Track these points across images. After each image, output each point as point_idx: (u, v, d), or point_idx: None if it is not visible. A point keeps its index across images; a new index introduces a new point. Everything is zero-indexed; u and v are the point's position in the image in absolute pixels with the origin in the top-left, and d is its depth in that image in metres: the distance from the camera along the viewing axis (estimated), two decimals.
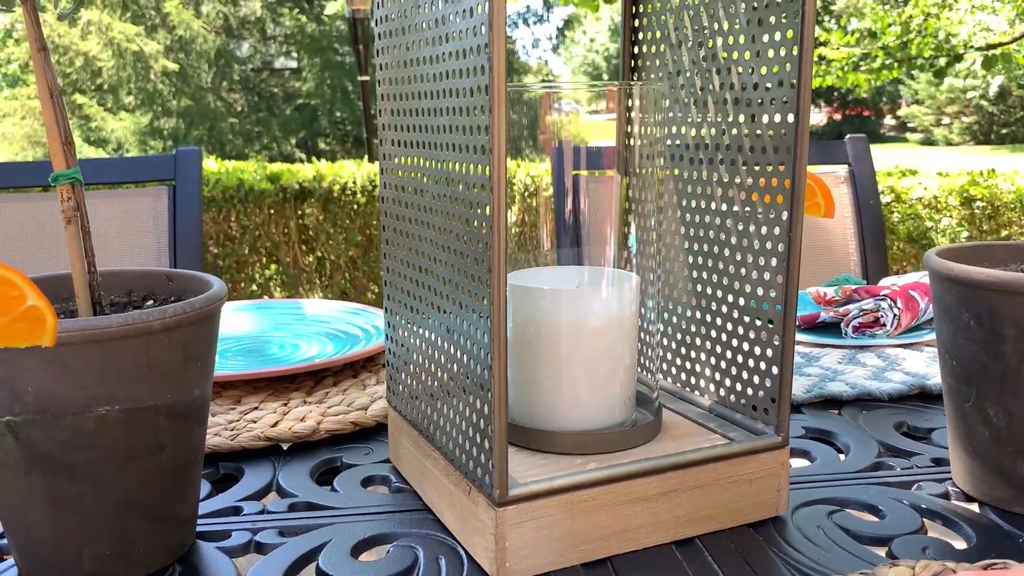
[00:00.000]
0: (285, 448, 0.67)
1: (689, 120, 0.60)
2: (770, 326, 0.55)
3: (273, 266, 3.21)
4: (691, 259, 0.61)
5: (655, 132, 0.59)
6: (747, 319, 0.56)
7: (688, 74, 0.60)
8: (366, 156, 3.48)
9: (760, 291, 0.55)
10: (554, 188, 0.59)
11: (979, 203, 2.89)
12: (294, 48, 13.29)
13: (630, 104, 0.62)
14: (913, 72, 6.11)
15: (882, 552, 0.52)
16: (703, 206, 0.60)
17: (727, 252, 0.58)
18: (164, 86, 12.15)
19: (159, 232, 1.42)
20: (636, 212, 0.60)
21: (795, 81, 0.51)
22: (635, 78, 0.66)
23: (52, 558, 0.47)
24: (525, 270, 0.58)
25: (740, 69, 0.55)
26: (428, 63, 0.51)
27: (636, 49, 0.65)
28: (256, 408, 0.72)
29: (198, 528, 0.54)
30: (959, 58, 5.63)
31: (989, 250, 0.63)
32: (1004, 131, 17.19)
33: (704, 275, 0.60)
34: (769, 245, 0.54)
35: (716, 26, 0.57)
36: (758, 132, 0.55)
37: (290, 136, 12.89)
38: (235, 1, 12.80)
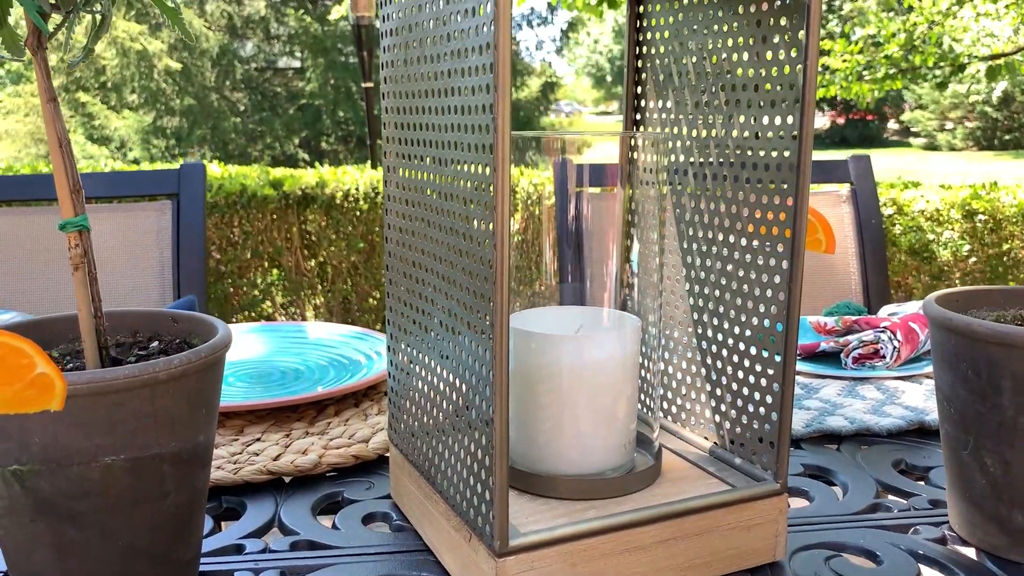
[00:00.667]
0: (287, 481, 0.68)
1: (689, 143, 0.61)
2: (770, 372, 0.55)
3: (275, 271, 3.22)
4: (691, 299, 0.62)
5: (659, 159, 0.59)
6: (747, 363, 0.57)
7: (692, 89, 0.60)
8: (369, 162, 3.48)
9: (761, 336, 0.56)
10: (556, 200, 0.59)
11: (981, 216, 2.89)
12: (298, 48, 13.31)
13: (632, 143, 0.62)
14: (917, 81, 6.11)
15: None
16: (706, 236, 0.60)
17: (727, 295, 0.58)
18: (167, 85, 12.16)
19: (163, 246, 1.43)
20: (639, 226, 0.61)
21: (796, 134, 0.52)
22: (639, 91, 0.66)
23: None
24: (526, 311, 0.59)
25: (744, 84, 0.56)
26: (432, 61, 0.51)
27: (640, 63, 0.65)
28: (259, 439, 0.72)
29: (201, 568, 0.54)
30: (962, 68, 5.63)
31: (987, 295, 0.63)
32: (1007, 137, 17.19)
33: (704, 316, 0.61)
34: (769, 293, 0.55)
35: (720, 43, 0.57)
36: (758, 179, 0.55)
37: (293, 136, 12.90)
38: (239, 0, 12.81)
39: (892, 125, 21.56)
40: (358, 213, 3.09)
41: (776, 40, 0.53)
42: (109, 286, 1.39)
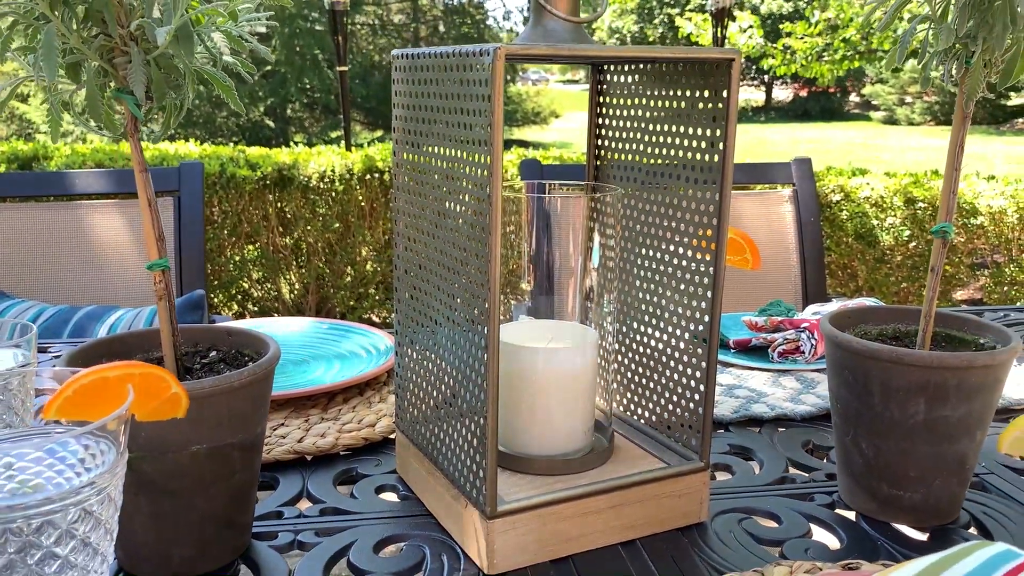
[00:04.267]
0: (309, 459, 0.83)
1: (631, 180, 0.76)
2: (697, 375, 0.71)
3: (250, 247, 3.34)
4: (635, 312, 0.77)
5: (616, 213, 0.74)
6: (679, 366, 0.73)
7: (637, 143, 0.75)
8: (343, 143, 3.59)
9: (689, 345, 0.71)
10: (535, 239, 0.74)
11: (921, 203, 3.09)
12: (263, 12, 13.16)
13: (593, 203, 0.77)
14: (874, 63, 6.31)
15: (776, 552, 0.68)
16: (644, 260, 0.76)
17: (662, 312, 0.74)
18: None
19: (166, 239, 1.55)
20: (599, 230, 0.75)
21: (718, 175, 0.67)
22: (599, 143, 0.81)
23: (149, 557, 0.62)
24: (508, 325, 0.74)
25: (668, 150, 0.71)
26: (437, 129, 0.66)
27: (600, 120, 0.80)
28: (283, 424, 0.87)
29: (253, 529, 0.69)
30: (915, 53, 5.82)
31: (875, 312, 0.80)
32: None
33: (646, 328, 0.76)
34: (696, 313, 0.70)
35: (653, 113, 0.72)
36: (688, 212, 0.70)
37: (258, 103, 12.81)
38: None
39: (854, 98, 21.89)
40: (333, 194, 3.21)
41: (699, 115, 0.67)
42: (118, 277, 1.51)
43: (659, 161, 0.73)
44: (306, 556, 0.66)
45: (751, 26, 5.58)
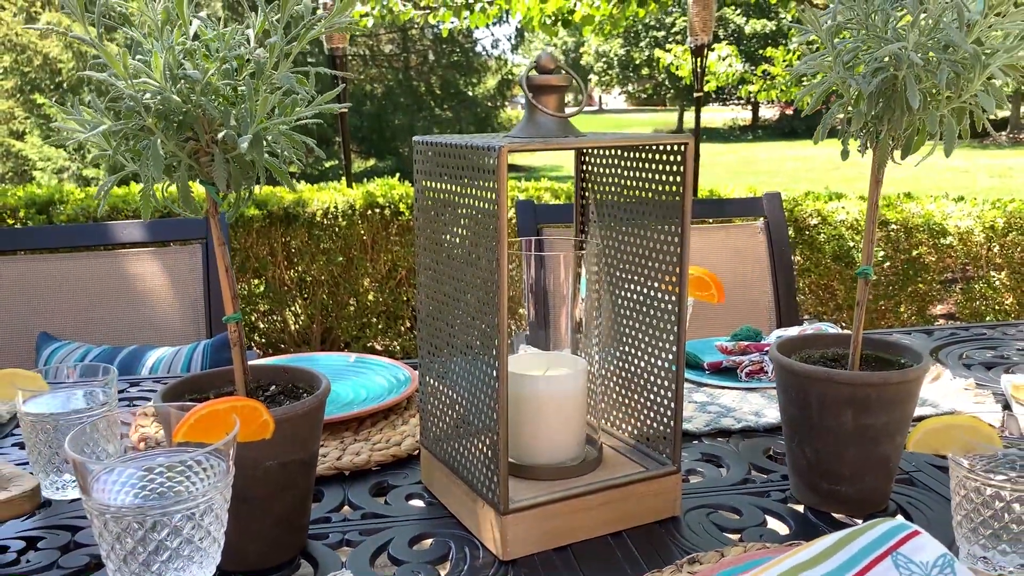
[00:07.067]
0: (347, 474, 0.98)
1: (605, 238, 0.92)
2: (668, 394, 0.86)
3: (255, 281, 3.50)
4: (617, 342, 0.93)
5: (598, 262, 0.90)
6: (654, 388, 0.88)
7: (611, 203, 0.92)
8: (344, 180, 3.77)
9: (662, 370, 0.87)
10: (533, 286, 0.90)
11: (893, 226, 3.27)
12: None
13: (579, 256, 0.93)
14: None
15: (736, 538, 0.84)
16: (623, 298, 0.92)
17: (639, 342, 0.89)
18: None
19: (195, 283, 1.71)
20: (586, 275, 0.91)
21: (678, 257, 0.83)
22: (583, 209, 0.97)
23: (230, 552, 0.77)
24: (512, 356, 0.90)
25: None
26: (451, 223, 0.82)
27: (584, 193, 0.96)
28: (323, 445, 1.03)
29: (309, 531, 0.84)
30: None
31: (818, 339, 0.96)
32: None
33: (627, 354, 0.92)
34: (667, 344, 0.86)
35: (626, 179, 0.88)
36: (650, 259, 0.86)
37: None
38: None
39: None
40: (337, 229, 3.37)
41: (665, 175, 0.84)
42: (155, 317, 1.67)
43: (632, 215, 0.89)
44: (354, 551, 0.81)
45: (730, 55, 5.79)
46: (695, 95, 3.98)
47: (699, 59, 4.03)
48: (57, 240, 1.69)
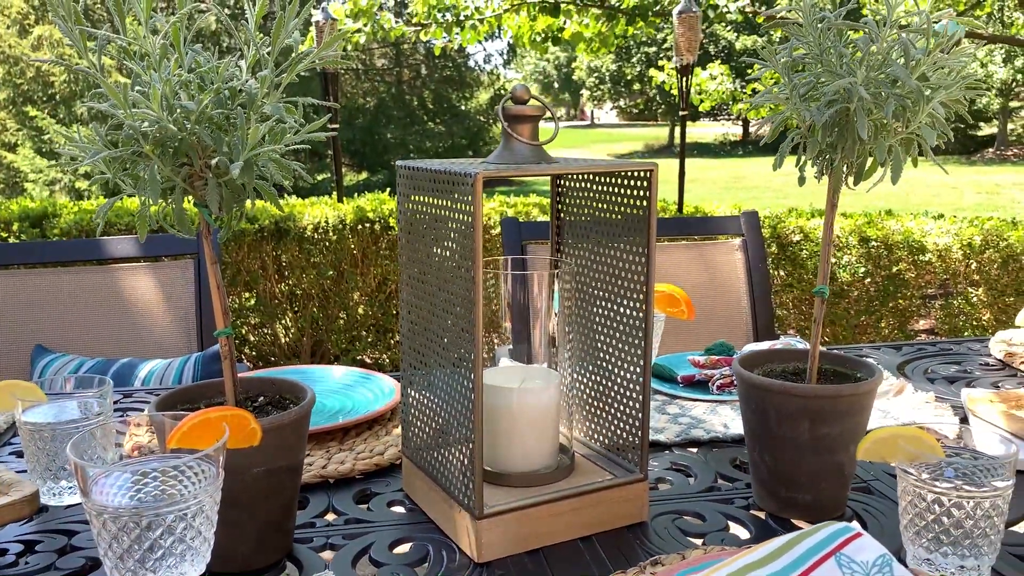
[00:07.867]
0: (332, 482, 1.03)
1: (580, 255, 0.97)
2: (636, 406, 0.91)
3: (247, 294, 3.54)
4: (587, 356, 0.98)
5: (570, 281, 0.95)
6: (623, 400, 0.93)
7: (583, 227, 0.97)
8: (334, 194, 3.82)
9: (630, 382, 0.92)
10: (511, 305, 0.95)
11: (874, 243, 3.33)
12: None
13: (553, 276, 0.98)
14: None
15: (700, 542, 0.89)
16: (594, 315, 0.97)
17: (608, 357, 0.94)
18: None
19: (188, 297, 1.75)
20: (561, 293, 0.96)
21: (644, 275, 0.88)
22: (558, 230, 1.02)
23: (219, 553, 0.82)
24: (489, 370, 0.94)
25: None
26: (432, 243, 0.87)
27: (559, 215, 1.01)
28: (308, 454, 1.07)
29: (295, 535, 0.89)
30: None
31: (779, 354, 1.01)
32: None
33: (596, 367, 0.97)
34: (634, 359, 0.91)
35: (596, 205, 0.94)
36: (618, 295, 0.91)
37: None
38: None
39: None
40: (327, 244, 3.42)
41: (633, 198, 0.89)
42: (148, 330, 1.71)
43: (603, 235, 0.94)
44: (337, 554, 0.86)
45: (721, 73, 5.89)
46: (680, 114, 4.05)
47: (684, 79, 4.11)
48: (52, 255, 1.73)
